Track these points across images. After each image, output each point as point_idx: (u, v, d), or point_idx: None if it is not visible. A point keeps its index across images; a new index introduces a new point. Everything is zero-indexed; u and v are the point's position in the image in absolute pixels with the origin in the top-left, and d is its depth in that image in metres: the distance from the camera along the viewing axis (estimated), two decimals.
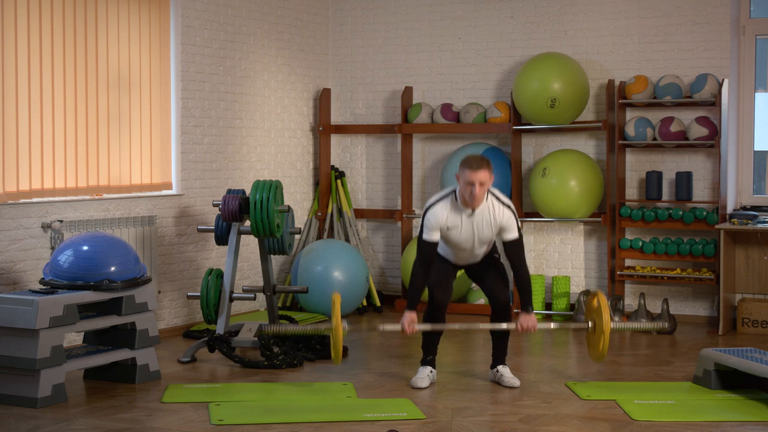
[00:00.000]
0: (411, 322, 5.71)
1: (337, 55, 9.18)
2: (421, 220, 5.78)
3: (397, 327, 5.78)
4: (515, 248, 5.74)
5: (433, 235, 5.71)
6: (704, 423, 5.10)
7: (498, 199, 5.72)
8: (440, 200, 5.74)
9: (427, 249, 5.74)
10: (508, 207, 5.72)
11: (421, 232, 5.75)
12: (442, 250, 5.91)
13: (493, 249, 5.98)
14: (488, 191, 5.71)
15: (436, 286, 5.86)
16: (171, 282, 7.44)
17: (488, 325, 5.91)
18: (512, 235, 5.72)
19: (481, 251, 5.88)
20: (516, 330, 5.77)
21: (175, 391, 5.72)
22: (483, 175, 5.56)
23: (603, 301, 5.72)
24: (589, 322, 5.86)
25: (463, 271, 6.07)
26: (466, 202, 5.65)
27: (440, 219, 5.69)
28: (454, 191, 5.73)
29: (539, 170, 8.02)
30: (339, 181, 8.90)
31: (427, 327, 5.83)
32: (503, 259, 6.09)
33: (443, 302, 5.86)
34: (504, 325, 5.83)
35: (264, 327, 5.88)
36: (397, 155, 8.94)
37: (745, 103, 8.03)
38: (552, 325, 5.99)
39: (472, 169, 5.55)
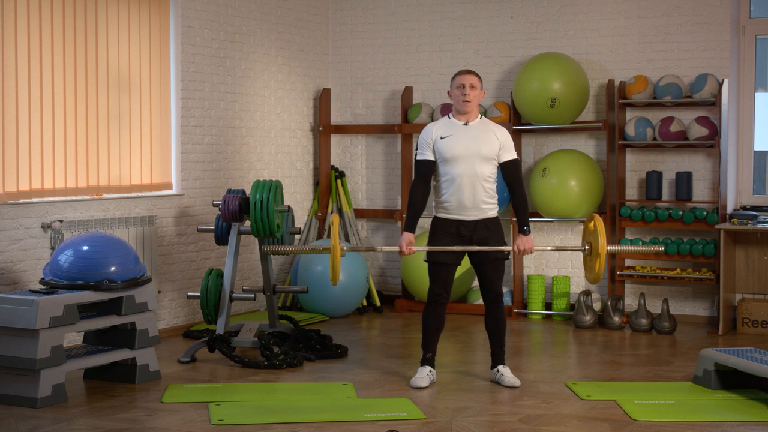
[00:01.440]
0: (409, 243, 5.79)
1: (337, 55, 9.18)
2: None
3: (394, 248, 5.84)
4: (514, 168, 5.85)
5: (426, 154, 5.84)
6: (704, 423, 5.10)
7: (491, 122, 5.92)
8: (434, 122, 5.97)
9: (422, 168, 5.85)
10: (504, 128, 5.90)
11: (416, 154, 5.89)
12: (444, 188, 5.80)
13: (501, 243, 5.88)
14: (481, 115, 5.90)
15: (436, 284, 5.85)
16: (171, 282, 7.44)
17: (487, 248, 5.77)
18: (511, 155, 5.85)
19: (484, 187, 5.76)
20: (514, 252, 5.82)
21: (175, 391, 5.72)
22: (473, 78, 5.83)
23: (599, 224, 5.68)
24: (586, 245, 5.83)
25: (466, 261, 6.04)
26: (459, 113, 5.84)
27: (431, 133, 5.85)
28: (449, 113, 5.93)
29: (539, 170, 8.02)
30: (339, 181, 8.90)
31: (424, 248, 5.81)
32: (504, 261, 6.03)
33: (442, 296, 5.85)
34: (502, 247, 5.80)
35: (264, 248, 5.90)
36: (397, 155, 8.94)
37: (745, 103, 8.03)
38: (548, 247, 5.96)
39: (462, 74, 5.84)
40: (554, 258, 8.40)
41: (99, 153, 6.87)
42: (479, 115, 5.88)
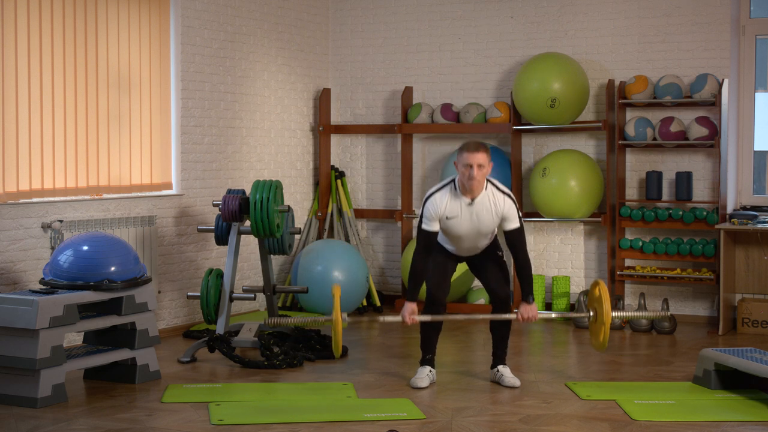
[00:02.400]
0: (411, 312, 5.74)
1: (337, 55, 9.18)
2: (420, 209, 5.78)
3: (397, 318, 5.80)
4: (516, 237, 5.74)
5: (432, 225, 5.71)
6: (704, 423, 5.10)
7: (497, 188, 5.71)
8: (439, 189, 5.73)
9: (426, 239, 5.74)
10: (509, 196, 5.71)
11: (421, 221, 5.75)
12: (443, 240, 5.90)
13: (496, 246, 5.96)
14: (487, 181, 5.70)
15: (433, 285, 5.86)
16: (171, 282, 7.44)
17: (489, 316, 5.90)
18: (513, 224, 5.71)
19: (482, 243, 5.86)
20: (517, 319, 5.77)
21: (175, 391, 5.72)
22: (481, 157, 5.57)
23: (604, 291, 5.71)
24: (591, 311, 5.86)
25: (464, 263, 6.06)
26: (465, 190, 5.64)
27: (439, 208, 5.69)
28: (454, 180, 5.73)
29: (539, 170, 8.02)
30: (339, 181, 8.90)
31: (426, 318, 5.83)
32: (505, 257, 6.08)
33: (441, 300, 5.86)
34: (505, 315, 5.82)
35: (265, 320, 5.89)
36: (397, 155, 8.94)
37: (745, 103, 8.03)
38: (553, 315, 6.00)
39: (470, 152, 5.58)
40: (554, 258, 8.40)
41: (99, 153, 6.87)
42: (485, 185, 5.70)
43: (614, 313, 5.80)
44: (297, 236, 8.75)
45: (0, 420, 5.08)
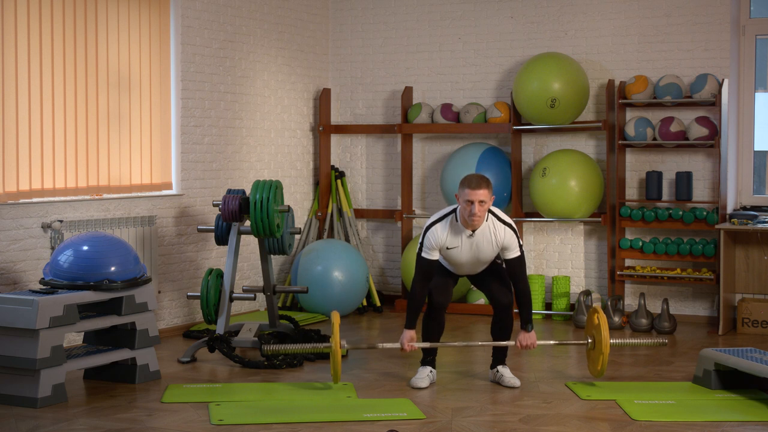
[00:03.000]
0: (410, 339, 5.78)
1: (337, 55, 9.18)
2: (420, 237, 5.80)
3: (396, 345, 5.83)
4: (516, 266, 5.77)
5: (432, 254, 5.75)
6: (704, 423, 5.10)
7: (498, 218, 5.74)
8: (440, 220, 5.75)
9: (426, 267, 5.77)
10: (509, 226, 5.73)
11: (420, 249, 5.78)
12: (443, 263, 5.94)
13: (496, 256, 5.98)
14: (489, 212, 5.73)
15: (436, 289, 5.87)
16: (171, 282, 7.44)
17: (487, 343, 5.98)
18: (514, 253, 5.75)
19: (481, 268, 5.93)
20: (515, 347, 5.84)
21: (175, 391, 5.72)
22: (483, 194, 5.58)
23: (603, 319, 5.76)
24: (589, 339, 5.91)
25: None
26: (467, 223, 5.66)
27: (440, 239, 5.71)
28: (455, 211, 5.75)
29: (539, 170, 8.02)
30: (339, 181, 8.90)
31: (425, 345, 5.88)
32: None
33: (443, 304, 5.87)
34: (503, 343, 5.88)
35: (263, 348, 5.90)
36: (397, 155, 8.94)
37: (745, 103, 8.03)
38: (552, 342, 6.04)
39: (472, 188, 5.57)
40: (554, 258, 8.40)
41: (99, 153, 6.87)
42: (486, 216, 5.69)
43: (613, 341, 5.87)
44: (297, 236, 8.75)
45: (0, 420, 5.08)
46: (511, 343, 5.85)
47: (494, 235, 5.69)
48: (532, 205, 8.31)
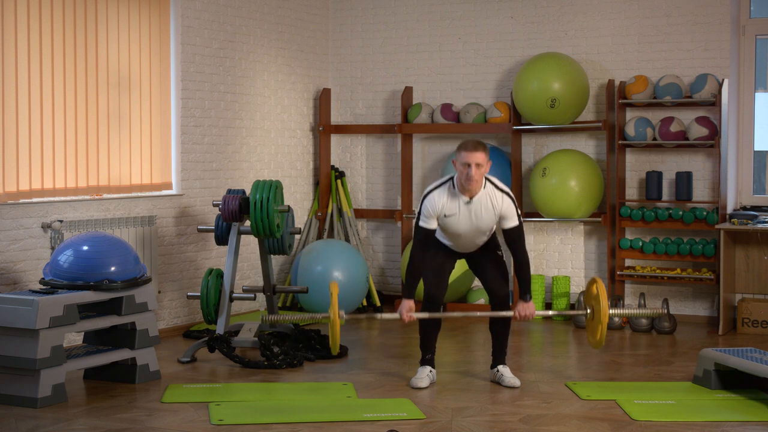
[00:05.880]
0: (409, 309, 5.74)
1: (337, 55, 9.18)
2: (419, 206, 5.78)
3: (395, 315, 5.79)
4: (515, 236, 5.73)
5: (430, 223, 5.71)
6: (704, 423, 5.10)
7: (496, 186, 5.71)
8: (438, 187, 5.72)
9: (423, 235, 5.74)
10: (507, 194, 5.70)
11: (418, 218, 5.74)
12: (440, 236, 5.89)
13: (496, 245, 5.95)
14: (486, 179, 5.69)
15: (431, 284, 5.86)
16: (171, 282, 7.44)
17: (487, 313, 5.91)
18: (512, 222, 5.71)
19: (480, 240, 5.86)
20: (514, 317, 5.78)
21: (175, 391, 5.72)
22: (479, 156, 5.56)
23: (601, 288, 5.70)
24: (588, 309, 5.86)
25: (463, 261, 6.07)
26: (464, 188, 5.63)
27: (437, 206, 5.68)
28: (452, 178, 5.72)
29: (539, 170, 8.02)
30: (339, 181, 8.90)
31: (424, 315, 5.83)
32: (505, 257, 6.09)
33: (439, 300, 5.86)
34: (502, 313, 5.82)
35: (263, 318, 5.89)
36: (397, 155, 8.94)
37: (745, 103, 8.03)
38: (550, 312, 6.01)
39: (468, 150, 5.57)
40: (554, 258, 8.40)
41: (99, 153, 6.87)
42: (483, 184, 5.69)
43: (612, 311, 5.81)
44: (297, 236, 8.75)
45: (0, 420, 5.08)
46: (510, 313, 5.78)
47: (492, 202, 5.66)
48: (532, 205, 8.31)
